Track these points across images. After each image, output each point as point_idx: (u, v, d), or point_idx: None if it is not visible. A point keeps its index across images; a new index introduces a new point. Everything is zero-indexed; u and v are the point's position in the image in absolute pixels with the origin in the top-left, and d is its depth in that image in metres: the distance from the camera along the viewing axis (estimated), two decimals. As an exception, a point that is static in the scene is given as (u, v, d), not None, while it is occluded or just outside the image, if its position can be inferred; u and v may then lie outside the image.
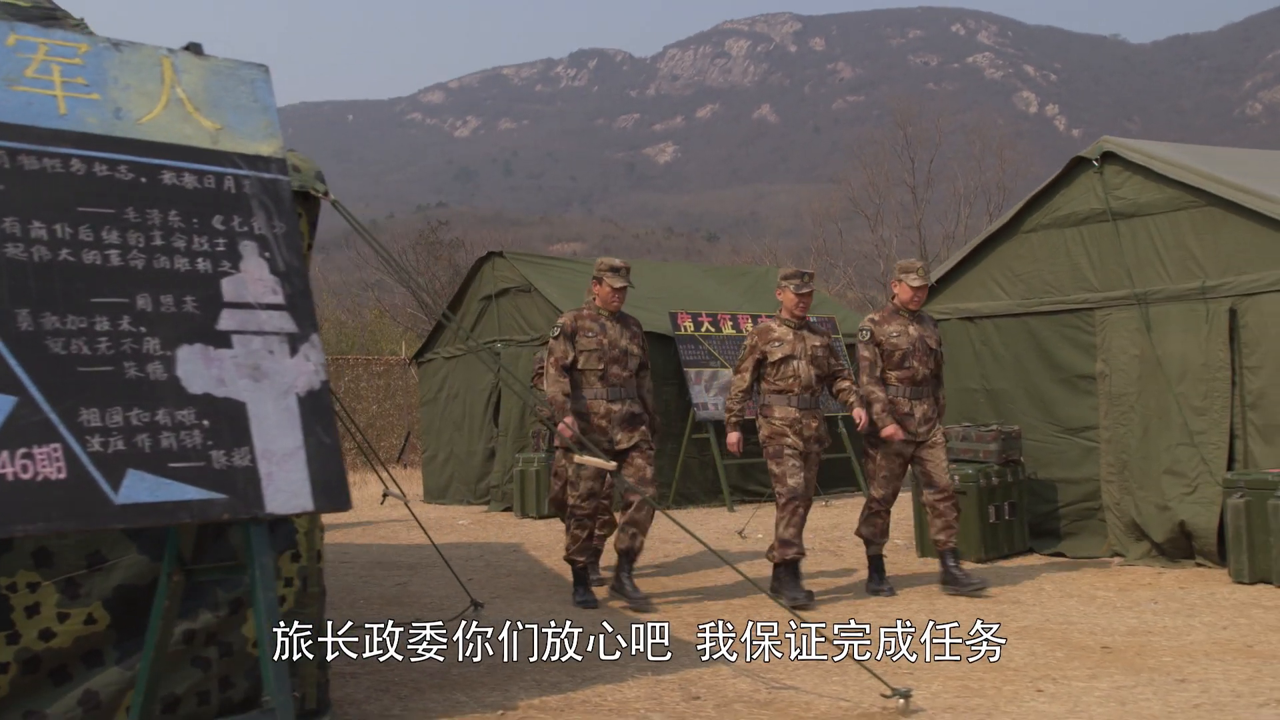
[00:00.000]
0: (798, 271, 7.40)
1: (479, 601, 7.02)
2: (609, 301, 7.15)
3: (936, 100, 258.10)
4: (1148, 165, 8.46)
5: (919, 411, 7.39)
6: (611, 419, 7.04)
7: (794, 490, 7.03)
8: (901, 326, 7.45)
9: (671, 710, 4.78)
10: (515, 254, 14.91)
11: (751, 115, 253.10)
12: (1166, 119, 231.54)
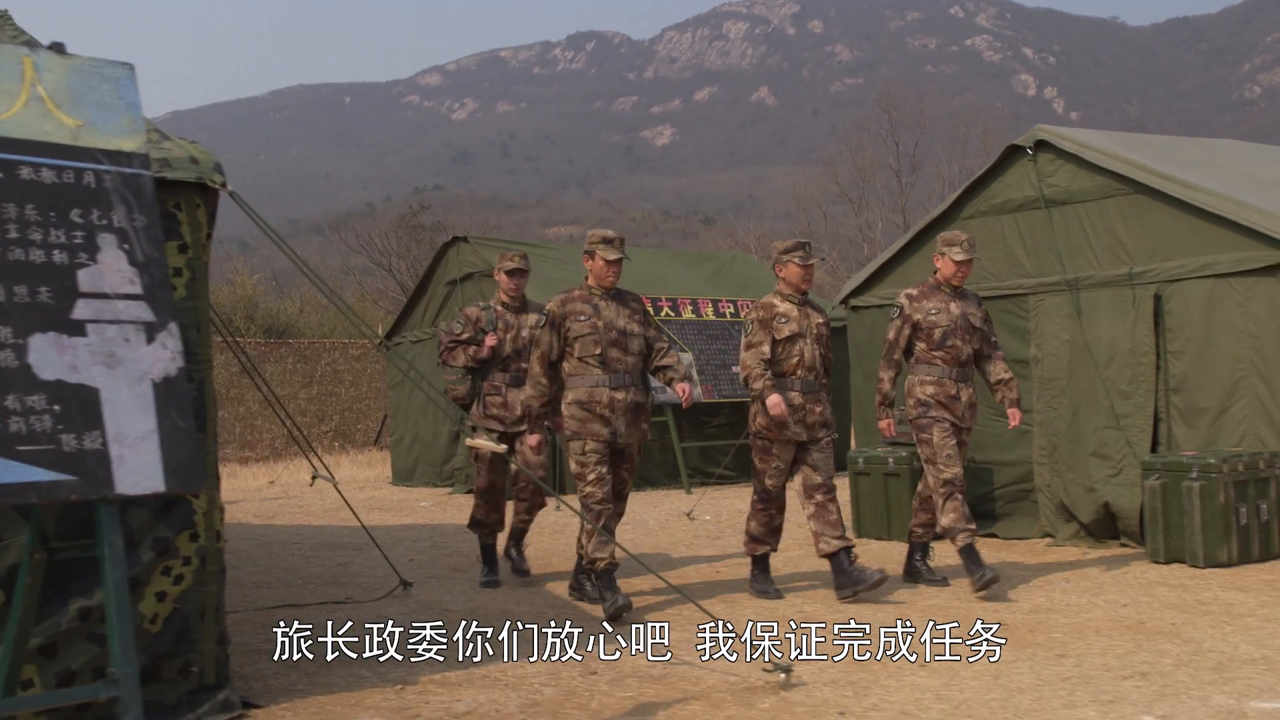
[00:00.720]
0: (799, 243, 6.94)
1: (409, 582, 7.19)
2: (603, 277, 6.52)
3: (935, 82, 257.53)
4: (1079, 154, 8.61)
5: (965, 395, 6.90)
6: (616, 409, 6.36)
7: (767, 492, 6.78)
8: (941, 303, 6.95)
9: (565, 685, 4.94)
10: (480, 239, 15.05)
11: (749, 98, 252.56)
12: (1165, 102, 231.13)
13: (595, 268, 6.55)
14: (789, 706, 4.50)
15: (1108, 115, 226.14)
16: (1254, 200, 7.95)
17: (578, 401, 6.38)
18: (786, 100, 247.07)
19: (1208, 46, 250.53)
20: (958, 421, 6.87)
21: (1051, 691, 4.54)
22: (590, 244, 6.61)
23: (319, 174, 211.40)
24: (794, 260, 6.81)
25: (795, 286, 6.82)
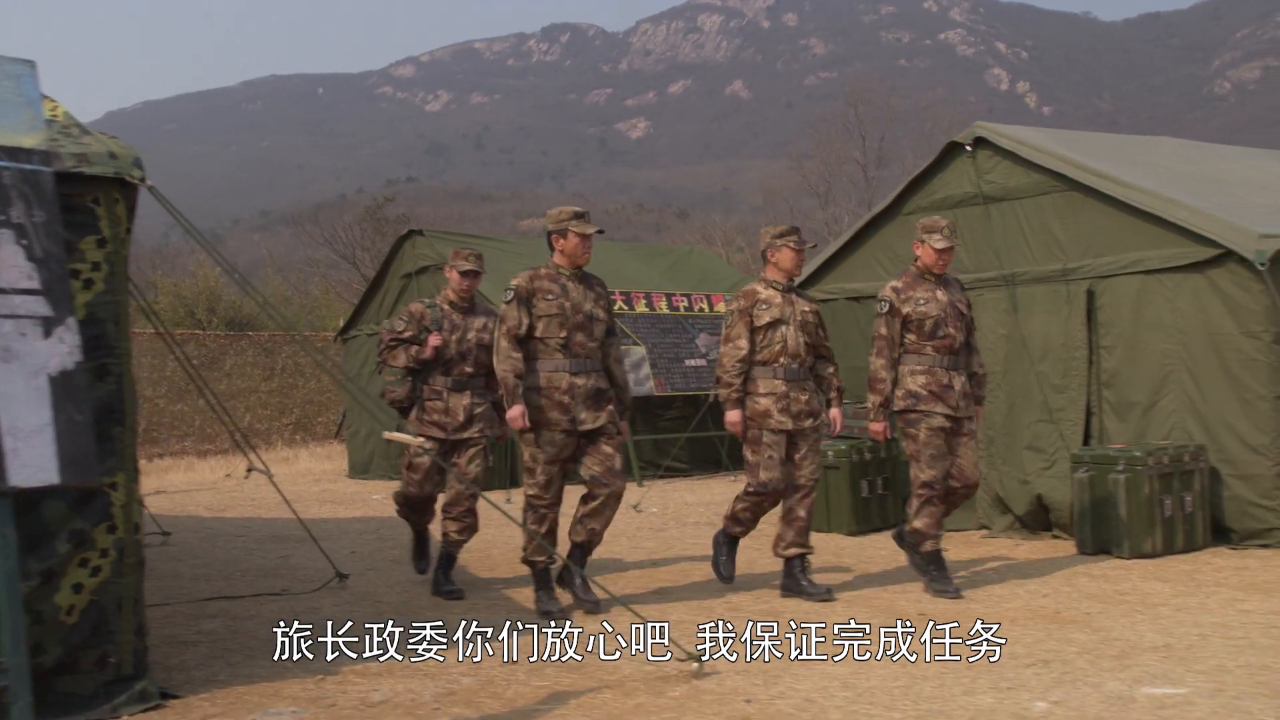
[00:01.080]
0: (793, 227, 6.70)
1: (344, 574, 7.25)
2: (578, 254, 6.23)
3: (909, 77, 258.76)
4: (1016, 150, 8.74)
5: (957, 384, 6.60)
6: (575, 395, 6.11)
7: (764, 485, 6.41)
8: (928, 292, 6.66)
9: (484, 675, 5.01)
10: (435, 232, 15.10)
11: (724, 91, 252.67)
12: (1137, 97, 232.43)
13: (569, 245, 6.23)
14: (698, 694, 4.59)
15: (1079, 110, 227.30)
16: (1184, 198, 8.09)
17: (534, 387, 6.08)
18: (761, 93, 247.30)
19: (1179, 42, 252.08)
20: (953, 412, 6.54)
21: (955, 679, 4.64)
22: (560, 221, 6.24)
23: (291, 165, 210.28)
24: (789, 244, 6.54)
25: (787, 272, 6.58)
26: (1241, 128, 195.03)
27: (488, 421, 6.97)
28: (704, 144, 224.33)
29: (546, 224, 6.33)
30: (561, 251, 6.26)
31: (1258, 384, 7.57)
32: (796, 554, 6.48)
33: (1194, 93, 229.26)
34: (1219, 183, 9.10)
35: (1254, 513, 7.62)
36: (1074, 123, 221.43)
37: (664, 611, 6.07)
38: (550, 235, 6.30)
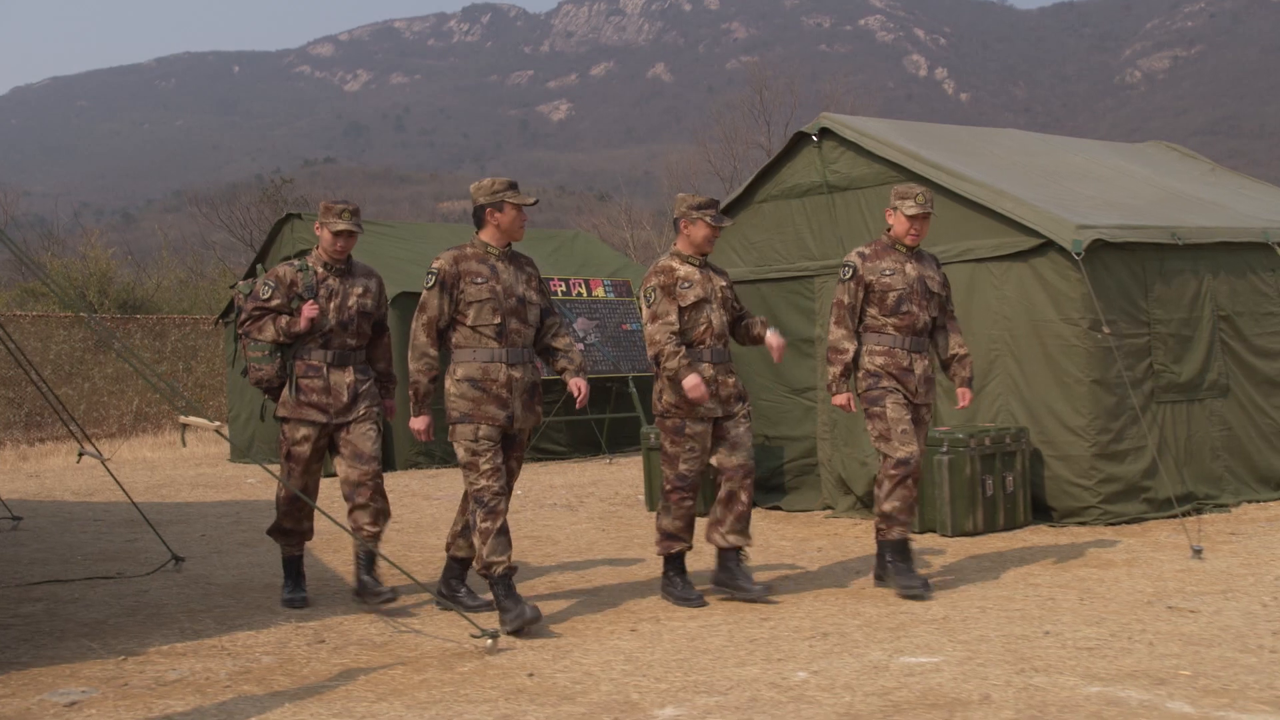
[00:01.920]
0: (713, 200, 6.15)
1: (180, 556, 7.31)
2: (514, 230, 5.68)
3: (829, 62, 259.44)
4: (859, 141, 8.97)
5: (919, 368, 6.13)
6: (514, 389, 5.55)
7: (684, 478, 5.87)
8: (896, 264, 6.21)
9: (291, 653, 5.13)
10: (314, 215, 15.02)
11: (646, 74, 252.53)
12: (1050, 85, 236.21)
13: (505, 220, 5.64)
14: (485, 669, 4.75)
15: (995, 97, 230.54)
16: (1013, 190, 8.38)
17: (469, 379, 5.50)
18: (682, 77, 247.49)
19: (1091, 32, 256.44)
20: (911, 397, 6.09)
21: (733, 652, 4.85)
22: (494, 193, 5.62)
23: (206, 144, 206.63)
24: (705, 218, 5.98)
25: (698, 248, 6.02)
26: (1151, 115, 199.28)
27: (374, 399, 6.10)
28: (626, 127, 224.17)
29: (477, 197, 5.67)
30: (497, 227, 5.65)
31: (1076, 369, 7.89)
32: (736, 545, 5.92)
33: (1105, 81, 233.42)
34: (1053, 175, 9.43)
35: (1072, 491, 7.95)
36: (990, 109, 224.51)
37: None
38: (483, 210, 5.64)
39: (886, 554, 6.04)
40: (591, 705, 4.21)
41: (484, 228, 5.68)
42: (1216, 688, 4.10)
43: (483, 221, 5.68)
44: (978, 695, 4.11)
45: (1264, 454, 8.68)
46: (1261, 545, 6.86)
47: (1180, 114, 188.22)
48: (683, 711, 4.10)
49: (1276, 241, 8.98)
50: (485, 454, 5.52)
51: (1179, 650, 4.62)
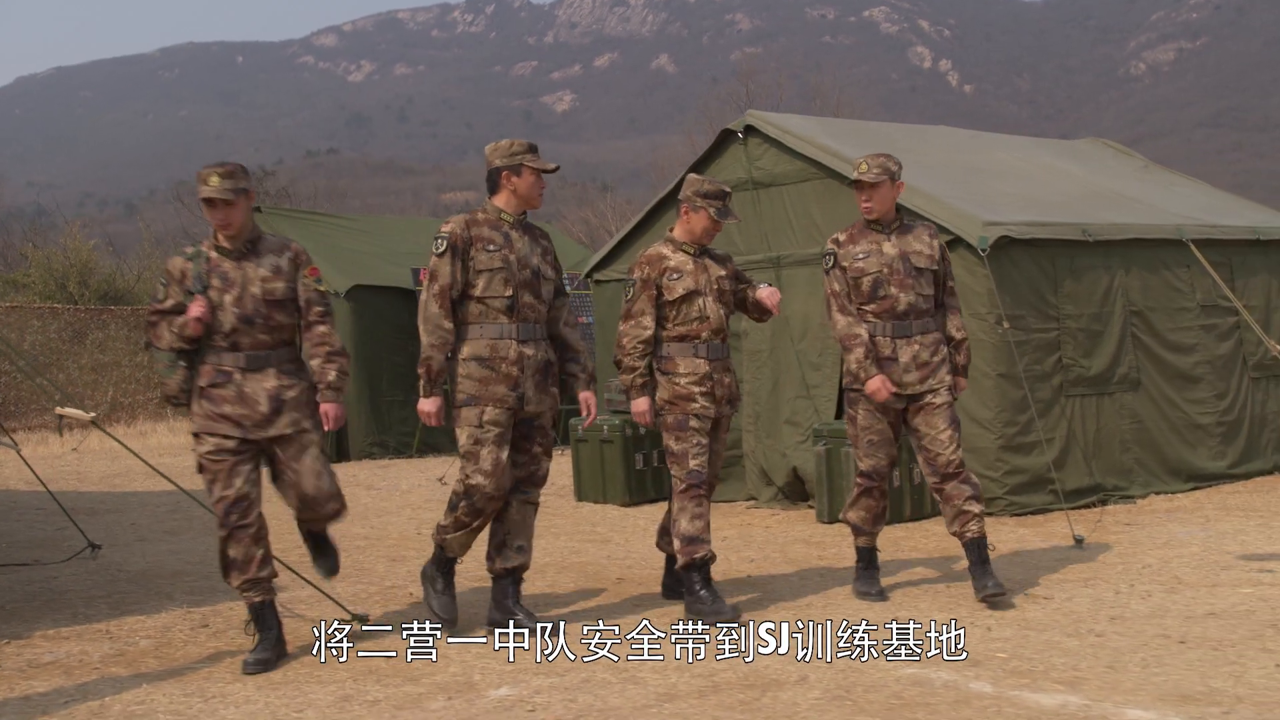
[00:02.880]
0: (724, 190, 5.72)
1: (97, 544, 7.49)
2: (532, 196, 5.25)
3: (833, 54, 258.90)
4: (781, 139, 9.13)
5: (906, 354, 5.62)
6: (525, 367, 5.12)
7: (696, 474, 5.45)
8: (872, 245, 5.74)
9: (171, 637, 5.33)
10: (273, 209, 15.28)
11: (650, 65, 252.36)
12: (1054, 77, 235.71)
13: (523, 185, 5.20)
14: (351, 653, 4.93)
15: (999, 89, 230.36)
16: (928, 187, 8.53)
17: (476, 357, 5.09)
18: (686, 68, 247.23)
19: (1095, 24, 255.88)
20: (899, 389, 5.59)
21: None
22: (513, 155, 5.18)
23: (209, 135, 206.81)
24: (710, 209, 5.60)
25: (697, 239, 5.65)
26: (1155, 107, 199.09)
27: (304, 411, 4.98)
28: (629, 118, 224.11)
29: (493, 159, 5.22)
30: (514, 192, 5.21)
31: (983, 363, 8.03)
32: (708, 557, 5.50)
33: (1110, 73, 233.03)
34: (976, 172, 9.58)
35: (980, 483, 8.10)
36: (994, 101, 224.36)
37: (368, 575, 6.39)
38: (499, 173, 5.19)
39: (858, 560, 5.92)
40: (431, 685, 4.39)
41: (498, 193, 5.23)
42: (1024, 669, 4.28)
43: (497, 186, 5.22)
44: (796, 677, 4.29)
45: (1174, 446, 8.83)
46: (1147, 535, 7.03)
47: (1184, 106, 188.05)
48: (516, 691, 4.28)
49: (1191, 239, 9.13)
50: (488, 443, 5.04)
51: (1011, 635, 4.79)
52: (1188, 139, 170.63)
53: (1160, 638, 4.66)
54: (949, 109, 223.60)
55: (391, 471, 12.19)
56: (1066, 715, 3.78)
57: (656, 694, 4.16)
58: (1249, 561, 6.11)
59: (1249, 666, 4.20)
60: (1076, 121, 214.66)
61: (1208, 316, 9.19)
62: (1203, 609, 5.12)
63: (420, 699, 4.23)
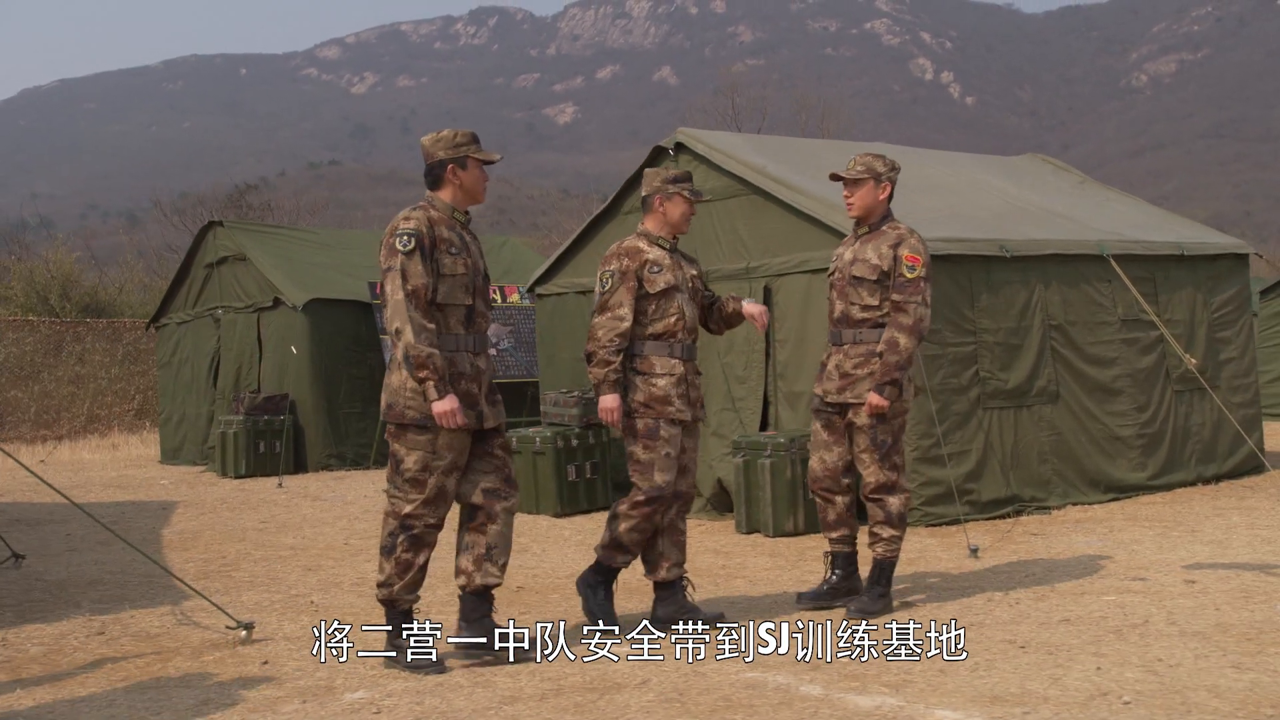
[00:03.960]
0: (687, 173, 5.62)
1: (21, 554, 7.64)
2: (478, 191, 4.95)
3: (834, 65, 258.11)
4: (709, 156, 9.31)
5: (831, 363, 5.65)
6: (480, 382, 4.84)
7: (659, 490, 5.23)
8: (843, 248, 5.85)
9: (63, 645, 5.48)
10: (233, 223, 15.48)
11: (652, 77, 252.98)
12: (1055, 88, 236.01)
13: (469, 179, 4.90)
14: (228, 658, 5.09)
15: (1000, 100, 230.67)
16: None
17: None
18: (688, 80, 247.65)
19: (1098, 35, 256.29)
20: (822, 395, 5.64)
21: (465, 643, 5.18)
22: (456, 146, 4.87)
23: (212, 146, 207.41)
24: (683, 193, 5.47)
25: (675, 228, 5.50)
26: (1157, 118, 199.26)
27: None
28: (631, 130, 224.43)
29: (435, 151, 4.88)
30: (459, 186, 4.89)
31: (899, 376, 8.20)
32: (681, 573, 5.47)
33: (1111, 84, 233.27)
34: (902, 188, 9.62)
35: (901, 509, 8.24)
36: (995, 112, 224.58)
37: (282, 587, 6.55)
38: (444, 166, 4.86)
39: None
40: (292, 689, 4.54)
41: (442, 188, 4.89)
42: (860, 673, 4.42)
43: (440, 181, 4.88)
44: (639, 680, 4.44)
45: (1093, 458, 8.97)
46: (1046, 545, 7.17)
47: (1186, 117, 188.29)
48: (372, 694, 4.43)
49: (1113, 254, 9.28)
50: (437, 472, 4.69)
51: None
52: (1189, 150, 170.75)
53: (1005, 643, 4.81)
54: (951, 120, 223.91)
55: (344, 483, 12.34)
56: (880, 715, 3.93)
57: (501, 697, 4.31)
58: (1191, 570, 6.19)
59: (1072, 670, 4.34)
60: (1078, 132, 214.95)
61: (1129, 330, 9.34)
62: (1059, 615, 5.27)
63: (277, 702, 4.38)
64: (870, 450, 5.54)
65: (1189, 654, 4.51)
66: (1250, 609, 5.23)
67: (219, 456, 13.40)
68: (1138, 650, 4.60)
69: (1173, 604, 5.40)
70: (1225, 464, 9.86)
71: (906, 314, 5.50)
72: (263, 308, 13.91)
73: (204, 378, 14.93)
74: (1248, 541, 7.00)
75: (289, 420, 13.27)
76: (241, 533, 9.01)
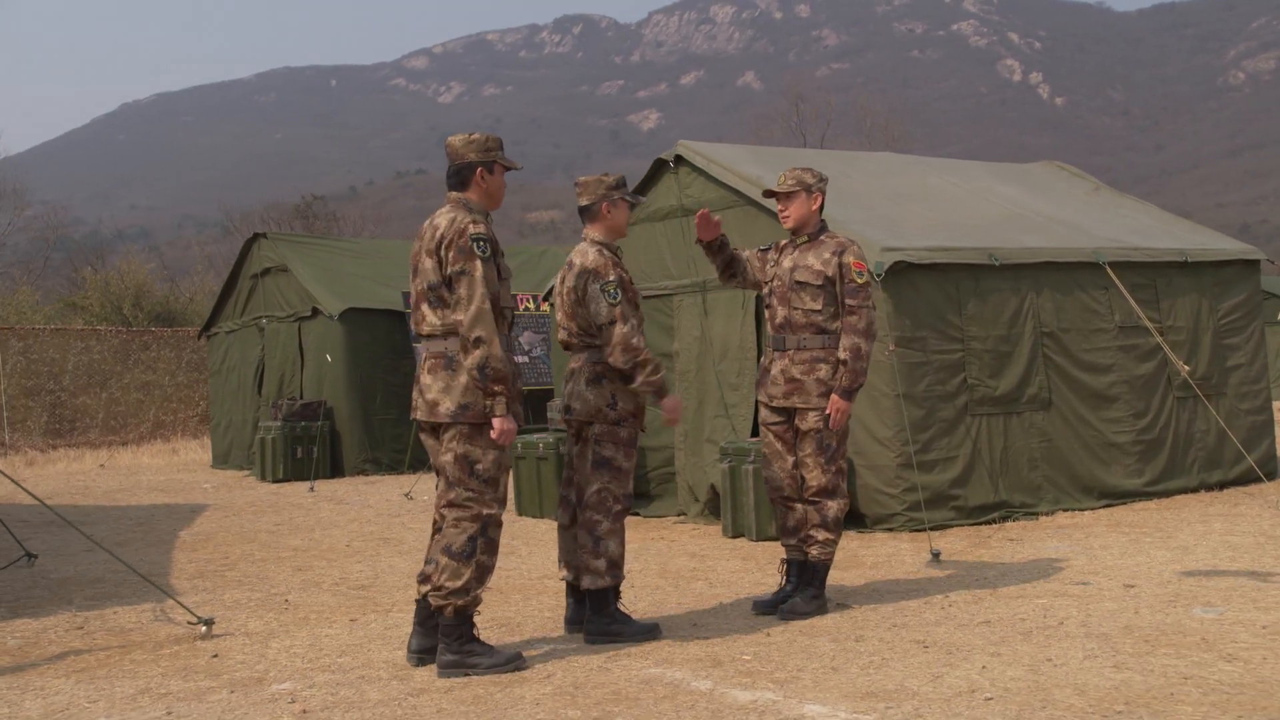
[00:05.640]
0: (621, 179, 5.64)
1: (33, 554, 8.06)
2: (500, 195, 5.06)
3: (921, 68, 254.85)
4: (706, 168, 9.51)
5: (776, 368, 5.79)
6: (519, 381, 5.00)
7: (630, 497, 5.46)
8: (780, 257, 6.00)
9: (41, 638, 5.83)
10: (277, 235, 16.00)
11: (735, 82, 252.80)
12: (1149, 87, 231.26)
13: (495, 184, 5.00)
14: (183, 652, 5.39)
15: (1092, 100, 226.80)
16: (839, 213, 8.82)
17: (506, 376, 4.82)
18: (772, 85, 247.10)
19: (1193, 33, 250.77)
20: (767, 400, 5.79)
21: (395, 634, 5.43)
22: (486, 150, 4.96)
23: (304, 157, 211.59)
24: (626, 198, 5.57)
25: (619, 233, 5.57)
26: (1255, 117, 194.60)
27: None
28: (715, 135, 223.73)
29: (466, 153, 4.96)
30: (486, 190, 4.99)
31: (882, 383, 8.32)
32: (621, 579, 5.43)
33: (1207, 83, 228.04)
34: (900, 197, 9.84)
35: (880, 499, 8.37)
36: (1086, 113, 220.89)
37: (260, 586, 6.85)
38: (473, 168, 4.95)
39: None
40: (225, 680, 4.83)
41: (468, 189, 4.97)
42: (756, 670, 4.60)
43: (468, 183, 4.95)
44: (544, 675, 4.66)
45: (1086, 464, 8.99)
46: (1015, 550, 7.25)
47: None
48: (297, 685, 4.70)
49: (1110, 261, 9.30)
50: (507, 468, 4.90)
51: (780, 641, 5.10)
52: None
53: (913, 643, 4.94)
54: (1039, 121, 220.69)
55: (374, 488, 12.71)
56: (753, 709, 4.10)
57: (410, 689, 4.56)
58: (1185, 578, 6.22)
59: (958, 669, 4.47)
60: (1172, 133, 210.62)
61: (1127, 337, 9.34)
62: (983, 618, 5.38)
63: (206, 693, 4.67)
64: (816, 454, 5.70)
65: (1080, 654, 4.61)
66: (1168, 613, 5.30)
67: (259, 461, 13.87)
68: (1034, 651, 4.71)
69: (1097, 607, 5.49)
70: (1231, 470, 9.80)
71: (861, 318, 5.71)
72: (303, 317, 14.38)
73: (250, 385, 15.44)
74: (1214, 548, 7.02)
75: (324, 426, 13.69)
76: (253, 534, 9.38)
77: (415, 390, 5.00)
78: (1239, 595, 5.63)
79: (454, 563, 4.74)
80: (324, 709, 4.35)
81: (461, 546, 4.74)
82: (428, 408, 4.85)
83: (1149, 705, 3.93)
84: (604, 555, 5.27)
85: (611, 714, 4.11)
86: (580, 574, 5.33)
